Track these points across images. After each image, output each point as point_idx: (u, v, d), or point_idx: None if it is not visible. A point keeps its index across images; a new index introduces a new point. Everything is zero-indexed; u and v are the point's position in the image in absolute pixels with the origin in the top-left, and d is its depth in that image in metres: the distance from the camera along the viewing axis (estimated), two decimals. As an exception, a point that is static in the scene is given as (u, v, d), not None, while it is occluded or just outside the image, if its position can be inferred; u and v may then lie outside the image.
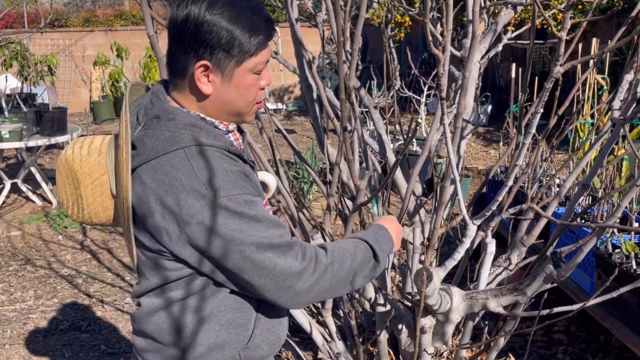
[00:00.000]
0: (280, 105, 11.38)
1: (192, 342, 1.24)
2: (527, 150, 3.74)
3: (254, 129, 3.96)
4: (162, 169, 1.15)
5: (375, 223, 1.49)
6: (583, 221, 2.86)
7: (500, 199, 1.72)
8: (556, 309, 1.98)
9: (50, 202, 5.62)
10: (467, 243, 1.89)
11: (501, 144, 4.23)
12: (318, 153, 7.03)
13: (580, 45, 3.91)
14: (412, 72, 9.69)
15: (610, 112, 1.98)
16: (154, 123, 1.20)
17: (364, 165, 2.67)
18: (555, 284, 2.03)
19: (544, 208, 2.25)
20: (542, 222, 2.25)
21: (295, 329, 3.10)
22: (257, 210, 1.17)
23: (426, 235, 2.49)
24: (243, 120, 1.29)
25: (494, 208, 1.74)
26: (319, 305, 2.36)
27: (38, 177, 5.62)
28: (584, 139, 3.47)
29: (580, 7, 7.38)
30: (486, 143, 8.01)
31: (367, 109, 2.63)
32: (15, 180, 5.66)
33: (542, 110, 1.55)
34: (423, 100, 5.95)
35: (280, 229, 1.20)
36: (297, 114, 10.84)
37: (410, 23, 8.70)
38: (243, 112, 1.26)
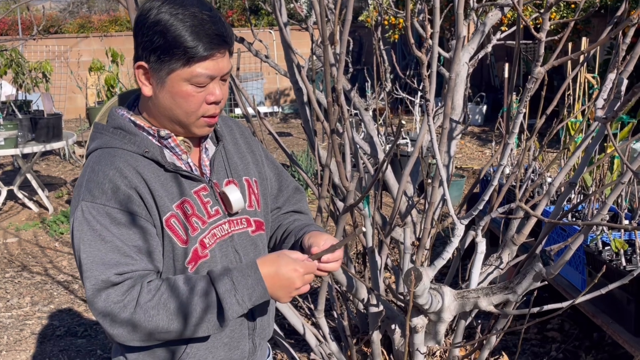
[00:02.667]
0: (276, 109, 11.40)
1: (127, 347, 1.28)
2: (518, 149, 3.76)
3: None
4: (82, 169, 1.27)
5: (262, 261, 1.23)
6: (573, 219, 2.88)
7: (486, 198, 1.74)
8: (547, 307, 1.99)
9: (47, 209, 5.63)
10: (455, 243, 1.91)
11: (494, 143, 4.25)
12: (313, 156, 7.05)
13: (570, 45, 3.93)
14: (407, 73, 9.73)
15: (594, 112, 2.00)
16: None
17: (353, 169, 2.69)
18: (547, 282, 2.05)
19: (534, 207, 2.27)
20: (532, 221, 2.27)
21: (289, 331, 3.12)
22: (111, 229, 1.17)
23: (418, 235, 2.51)
24: (190, 131, 1.26)
25: (480, 207, 1.76)
26: (312, 306, 2.38)
27: (34, 183, 5.63)
28: (575, 137, 3.49)
29: (573, 6, 7.41)
30: (482, 143, 8.03)
31: (357, 112, 2.65)
32: (11, 187, 5.67)
33: (524, 111, 1.56)
34: (417, 101, 5.96)
35: (123, 260, 1.16)
36: (293, 117, 10.86)
37: (405, 25, 8.73)
38: (185, 122, 1.24)
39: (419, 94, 6.30)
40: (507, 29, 2.83)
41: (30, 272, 4.35)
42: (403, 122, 5.66)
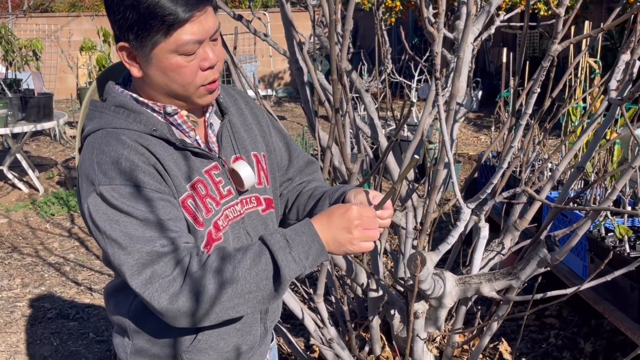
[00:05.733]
0: (270, 92, 11.30)
1: (138, 332, 1.22)
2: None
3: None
4: (82, 152, 1.16)
5: (313, 218, 1.12)
6: (577, 205, 2.84)
7: (495, 182, 1.70)
8: (550, 293, 1.96)
9: (37, 190, 5.55)
10: (461, 227, 1.86)
11: (492, 129, 4.21)
12: (309, 139, 6.99)
13: (572, 29, 3.88)
14: (403, 58, 9.63)
15: (603, 94, 1.96)
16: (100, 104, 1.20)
17: (355, 150, 2.64)
18: (549, 269, 2.02)
19: (537, 192, 2.23)
20: (536, 206, 2.23)
21: (287, 315, 3.08)
22: (140, 206, 1.07)
23: (419, 220, 2.47)
24: (192, 103, 1.17)
25: (488, 191, 1.71)
26: (311, 291, 2.34)
27: (24, 164, 5.54)
28: (577, 122, 3.45)
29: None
30: (476, 129, 8.00)
31: (357, 95, 2.59)
32: (0, 168, 5.58)
33: (539, 90, 1.51)
34: (414, 85, 5.91)
35: (164, 234, 1.06)
36: (287, 100, 10.77)
37: (401, 7, 8.65)
38: (184, 95, 1.15)
39: (415, 78, 6.25)
40: (505, 13, 2.77)
41: (21, 254, 4.28)
42: (412, 102, 5.61)
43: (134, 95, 1.18)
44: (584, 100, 3.66)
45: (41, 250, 4.35)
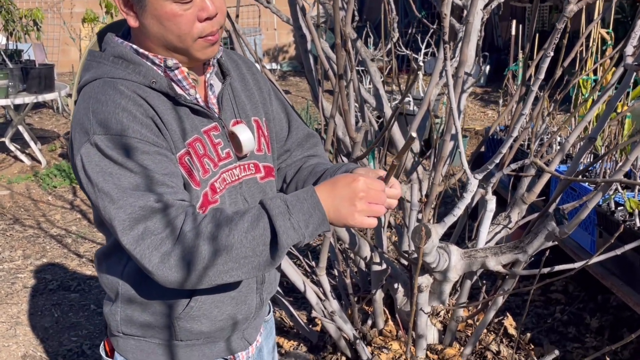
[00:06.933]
0: (274, 66, 11.18)
1: (129, 297, 1.16)
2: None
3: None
4: (77, 102, 1.10)
5: (317, 186, 1.05)
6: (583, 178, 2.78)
7: (504, 151, 1.64)
8: (557, 267, 1.91)
9: (40, 162, 5.51)
10: (467, 198, 1.81)
11: (500, 101, 4.13)
12: (313, 113, 6.92)
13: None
14: (410, 31, 9.49)
15: (615, 66, 1.89)
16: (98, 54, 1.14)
17: (360, 124, 2.57)
18: (556, 243, 1.97)
19: (546, 164, 2.17)
20: (544, 179, 2.18)
21: (289, 288, 3.05)
22: (136, 158, 1.01)
23: (424, 193, 2.41)
24: (191, 56, 1.11)
25: (497, 161, 1.65)
26: (313, 264, 2.30)
27: (26, 136, 5.50)
28: (587, 95, 3.37)
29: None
30: (483, 104, 7.90)
31: (363, 68, 2.52)
32: (2, 139, 5.53)
33: (552, 54, 1.45)
34: (421, 58, 5.81)
35: (159, 189, 1.00)
36: (291, 74, 10.66)
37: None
38: (181, 48, 1.09)
39: (422, 51, 6.15)
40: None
41: (23, 225, 4.26)
42: (420, 65, 5.51)
43: (134, 46, 1.13)
44: (595, 72, 3.58)
45: (43, 222, 4.33)
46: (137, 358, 1.19)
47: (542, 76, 1.46)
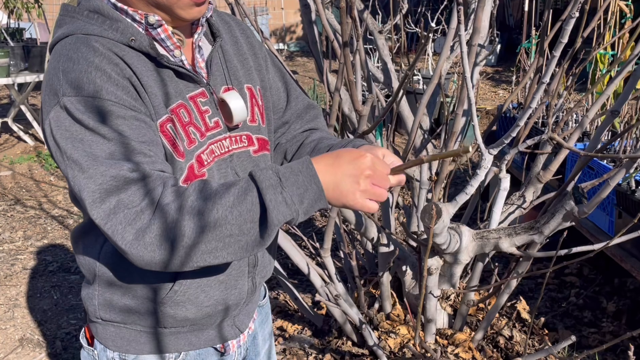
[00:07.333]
0: (282, 46, 11.04)
1: (107, 279, 1.06)
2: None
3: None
4: (49, 62, 0.99)
5: (315, 158, 0.94)
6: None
7: (521, 124, 1.52)
8: (575, 249, 1.81)
9: (43, 142, 5.43)
10: (481, 175, 1.70)
11: (514, 78, 3.99)
12: (320, 93, 6.79)
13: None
14: (419, 10, 9.30)
15: (635, 42, 1.76)
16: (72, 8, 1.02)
17: (367, 96, 2.46)
18: (573, 223, 1.85)
19: (564, 140, 2.05)
20: (562, 156, 2.06)
21: (293, 271, 2.96)
22: (110, 123, 0.90)
23: (434, 171, 2.30)
24: (176, 15, 0.99)
25: (513, 134, 1.54)
26: (317, 245, 2.20)
27: (29, 116, 5.41)
28: (604, 71, 3.23)
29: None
30: (494, 84, 7.74)
31: (371, 46, 2.39)
32: (5, 119, 5.46)
33: (577, 14, 1.32)
34: (430, 36, 5.65)
35: (135, 157, 0.89)
36: (299, 55, 10.51)
37: None
38: (165, 4, 0.98)
39: (433, 23, 6.00)
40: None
41: (24, 206, 4.19)
42: (429, 35, 5.36)
43: (112, 0, 1.01)
44: (613, 47, 3.43)
45: (45, 203, 4.25)
46: (117, 346, 1.09)
47: (565, 39, 1.34)
